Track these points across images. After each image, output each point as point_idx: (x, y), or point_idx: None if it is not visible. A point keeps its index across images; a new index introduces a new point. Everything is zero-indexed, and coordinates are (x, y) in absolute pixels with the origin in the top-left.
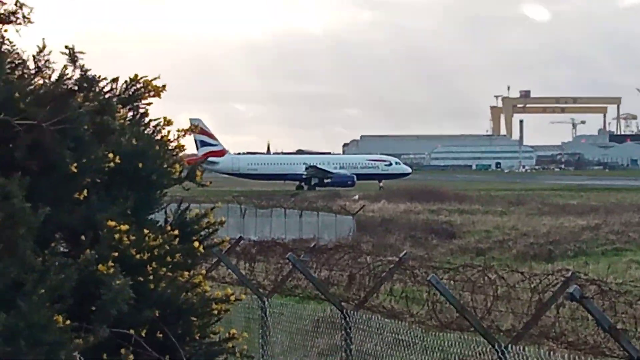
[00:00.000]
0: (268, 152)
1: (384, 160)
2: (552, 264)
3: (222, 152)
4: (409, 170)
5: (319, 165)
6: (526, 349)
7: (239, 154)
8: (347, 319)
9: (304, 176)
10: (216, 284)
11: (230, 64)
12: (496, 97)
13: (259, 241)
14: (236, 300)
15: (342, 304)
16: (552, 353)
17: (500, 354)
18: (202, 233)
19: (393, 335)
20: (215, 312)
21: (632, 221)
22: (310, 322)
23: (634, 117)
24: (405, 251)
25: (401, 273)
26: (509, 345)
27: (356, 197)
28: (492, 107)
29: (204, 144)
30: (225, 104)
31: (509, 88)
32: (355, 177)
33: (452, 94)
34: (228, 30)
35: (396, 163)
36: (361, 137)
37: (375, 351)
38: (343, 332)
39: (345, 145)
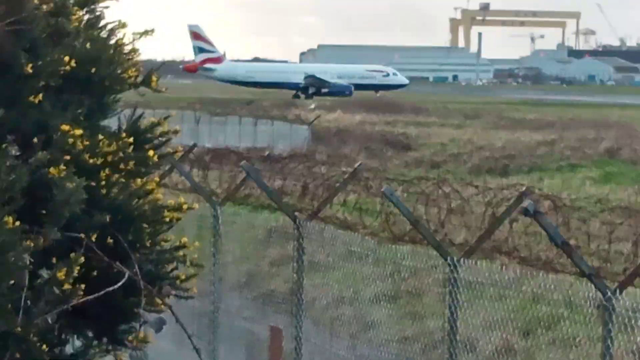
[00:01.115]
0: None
1: (382, 71)
2: (506, 179)
3: (219, 59)
4: (406, 81)
5: (317, 75)
6: (478, 263)
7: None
8: (300, 229)
9: (301, 85)
10: (168, 190)
11: None
12: (455, 9)
13: (213, 149)
14: (189, 209)
15: (295, 214)
16: (504, 267)
17: (452, 267)
18: (155, 142)
19: (345, 246)
20: (167, 220)
21: (587, 137)
22: (263, 232)
23: (593, 33)
24: (359, 162)
25: (355, 184)
26: (461, 259)
27: (312, 106)
28: (451, 19)
29: (201, 50)
30: (179, 11)
31: (468, 0)
32: (352, 87)
33: (411, 5)
34: None
35: (393, 74)
36: (318, 46)
37: (327, 262)
38: (295, 242)
39: (302, 54)
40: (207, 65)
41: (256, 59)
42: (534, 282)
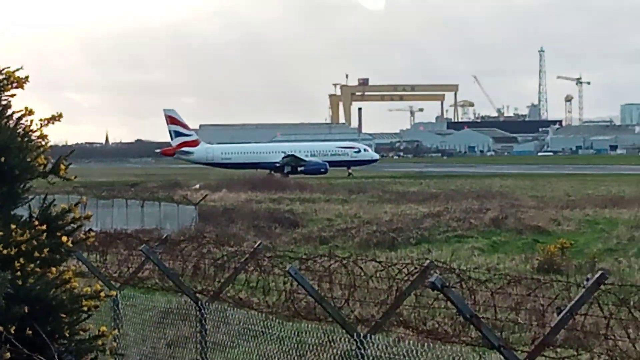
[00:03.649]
0: (107, 142)
1: (353, 147)
2: (395, 252)
3: (195, 142)
4: (377, 156)
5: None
6: (381, 337)
7: (79, 143)
8: (202, 310)
9: (277, 164)
10: None
11: (64, 53)
12: (335, 85)
13: (103, 232)
14: (107, 297)
15: (197, 295)
16: (409, 342)
17: (359, 343)
18: (67, 228)
19: (249, 325)
20: (85, 308)
21: (472, 208)
22: (159, 314)
23: (471, 104)
24: (259, 241)
25: (250, 263)
26: (368, 335)
27: (197, 186)
28: (331, 95)
29: (178, 134)
30: (60, 94)
31: (347, 76)
32: (327, 164)
33: (290, 83)
34: (62, 18)
35: (364, 150)
36: (200, 126)
37: (230, 342)
38: (198, 323)
39: None
40: (184, 149)
41: (138, 141)
42: (440, 355)
